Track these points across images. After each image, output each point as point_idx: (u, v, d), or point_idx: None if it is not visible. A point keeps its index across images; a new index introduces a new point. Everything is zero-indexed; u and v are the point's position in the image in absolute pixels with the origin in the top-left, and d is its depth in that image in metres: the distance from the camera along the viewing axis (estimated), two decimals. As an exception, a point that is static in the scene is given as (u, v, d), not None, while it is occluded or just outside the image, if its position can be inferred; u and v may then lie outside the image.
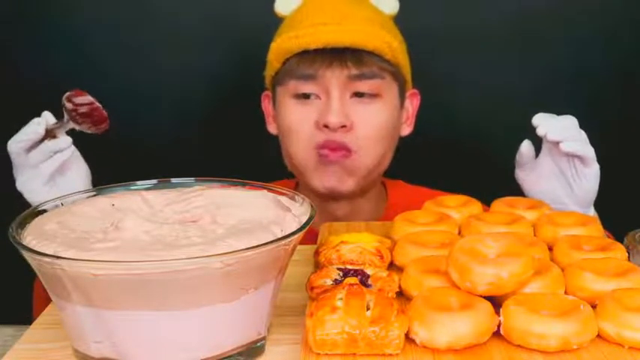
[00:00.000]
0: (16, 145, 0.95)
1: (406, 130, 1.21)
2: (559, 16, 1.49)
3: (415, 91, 1.21)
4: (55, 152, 0.96)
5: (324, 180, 1.13)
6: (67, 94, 0.93)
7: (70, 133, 0.98)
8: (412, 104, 1.21)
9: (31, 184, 0.97)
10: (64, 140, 0.96)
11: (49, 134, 0.95)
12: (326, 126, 1.09)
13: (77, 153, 1.01)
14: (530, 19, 1.49)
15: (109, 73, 1.50)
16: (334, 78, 1.09)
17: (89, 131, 0.95)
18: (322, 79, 1.09)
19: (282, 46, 1.11)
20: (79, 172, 1.01)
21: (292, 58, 1.11)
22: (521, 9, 1.48)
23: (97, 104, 0.93)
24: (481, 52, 1.50)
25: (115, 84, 1.49)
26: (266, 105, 1.22)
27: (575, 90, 1.45)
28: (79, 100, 0.92)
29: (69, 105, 0.92)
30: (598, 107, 1.49)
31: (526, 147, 1.04)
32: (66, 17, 1.49)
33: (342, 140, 1.10)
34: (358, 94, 1.11)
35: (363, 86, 1.10)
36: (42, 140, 0.95)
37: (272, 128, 1.21)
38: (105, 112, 0.93)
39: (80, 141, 1.02)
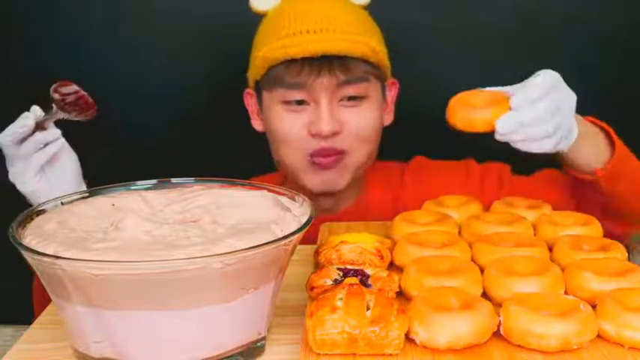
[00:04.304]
0: (6, 138, 0.97)
1: (388, 119, 1.22)
2: (558, 16, 1.49)
3: (393, 80, 1.22)
4: (45, 144, 0.98)
5: (317, 182, 1.15)
6: (54, 85, 0.96)
7: (69, 127, 0.99)
8: (390, 93, 1.22)
9: (21, 175, 0.99)
10: (54, 132, 0.99)
11: (39, 126, 0.98)
12: (318, 134, 1.10)
13: (67, 145, 1.02)
14: (530, 19, 1.49)
15: (107, 72, 1.49)
16: (323, 86, 1.10)
17: (78, 118, 0.97)
18: (311, 87, 1.10)
19: (267, 55, 1.11)
20: (69, 164, 1.03)
21: (278, 65, 1.11)
22: (521, 9, 1.48)
23: (83, 92, 0.95)
24: (480, 52, 1.49)
25: (114, 83, 1.49)
26: (249, 102, 1.23)
27: (574, 90, 1.45)
28: (66, 90, 0.95)
29: (56, 95, 0.95)
30: (597, 108, 1.48)
31: None
32: (65, 16, 1.49)
33: (333, 145, 1.11)
34: (346, 98, 1.11)
35: (351, 90, 1.11)
36: (32, 133, 0.98)
37: (257, 125, 1.22)
38: (91, 99, 0.96)
39: (79, 140, 1.02)
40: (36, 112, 0.99)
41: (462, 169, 1.25)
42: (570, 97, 0.90)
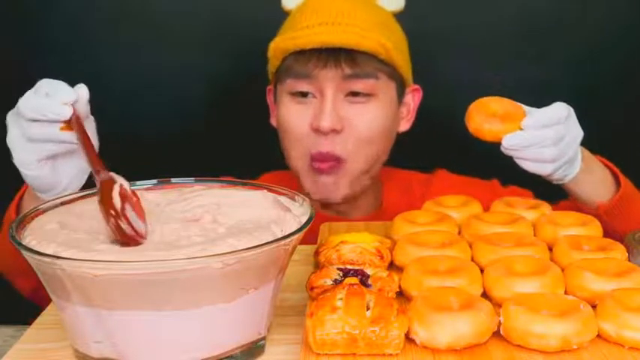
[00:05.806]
0: (26, 110, 0.79)
1: (405, 125, 1.21)
2: (563, 18, 1.49)
3: (417, 86, 1.21)
4: (65, 142, 0.80)
5: (316, 190, 1.15)
6: (121, 191, 0.70)
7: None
8: (413, 100, 1.22)
9: (22, 153, 0.82)
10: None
11: (68, 124, 0.78)
12: (317, 129, 1.10)
13: (94, 129, 0.85)
14: (534, 20, 1.49)
15: (107, 72, 1.50)
16: (328, 78, 1.10)
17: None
18: (317, 78, 1.10)
19: (279, 45, 1.12)
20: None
21: (289, 56, 1.12)
22: (526, 10, 1.48)
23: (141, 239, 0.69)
24: (485, 53, 1.49)
25: (114, 83, 1.49)
26: (270, 99, 1.24)
27: (576, 90, 1.45)
28: (132, 221, 0.69)
29: (112, 217, 0.69)
30: (599, 109, 1.48)
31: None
32: (65, 16, 1.49)
33: (332, 149, 1.11)
34: (352, 94, 1.11)
35: (357, 85, 1.11)
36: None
37: (273, 121, 1.23)
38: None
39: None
40: (82, 94, 0.81)
41: (488, 189, 1.25)
42: (576, 132, 0.93)
